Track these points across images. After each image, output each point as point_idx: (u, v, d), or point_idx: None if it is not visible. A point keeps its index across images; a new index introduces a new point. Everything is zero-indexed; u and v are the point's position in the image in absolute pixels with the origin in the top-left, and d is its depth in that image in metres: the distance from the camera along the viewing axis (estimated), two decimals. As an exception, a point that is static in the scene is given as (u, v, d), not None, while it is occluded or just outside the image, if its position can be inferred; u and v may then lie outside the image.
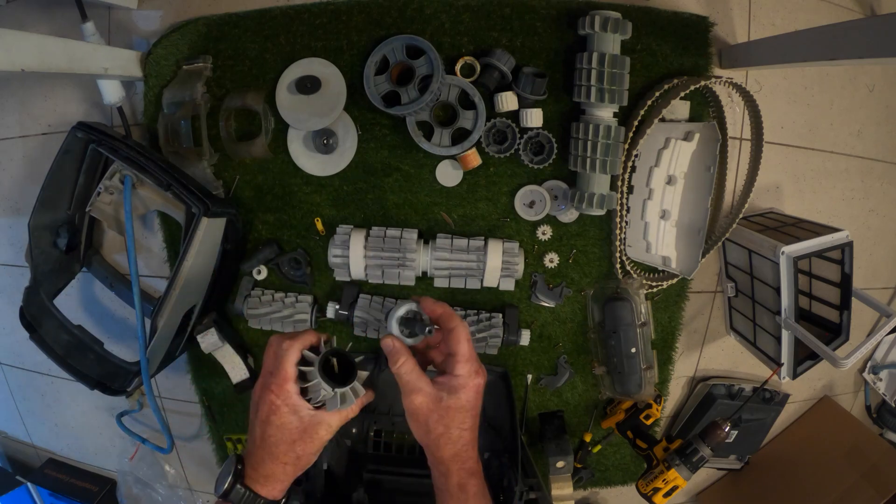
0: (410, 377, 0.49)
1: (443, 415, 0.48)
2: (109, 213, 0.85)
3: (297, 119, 0.83)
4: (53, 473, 1.20)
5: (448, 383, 0.48)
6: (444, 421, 0.48)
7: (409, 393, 0.49)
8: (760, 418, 1.07)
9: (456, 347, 0.48)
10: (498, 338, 0.87)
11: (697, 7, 0.86)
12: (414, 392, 0.48)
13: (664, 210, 0.84)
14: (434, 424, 0.48)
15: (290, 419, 0.47)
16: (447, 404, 0.48)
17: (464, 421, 0.48)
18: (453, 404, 0.48)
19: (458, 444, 0.48)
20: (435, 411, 0.48)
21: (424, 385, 0.49)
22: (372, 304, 0.87)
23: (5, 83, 0.95)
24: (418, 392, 0.48)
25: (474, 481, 0.50)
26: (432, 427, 0.48)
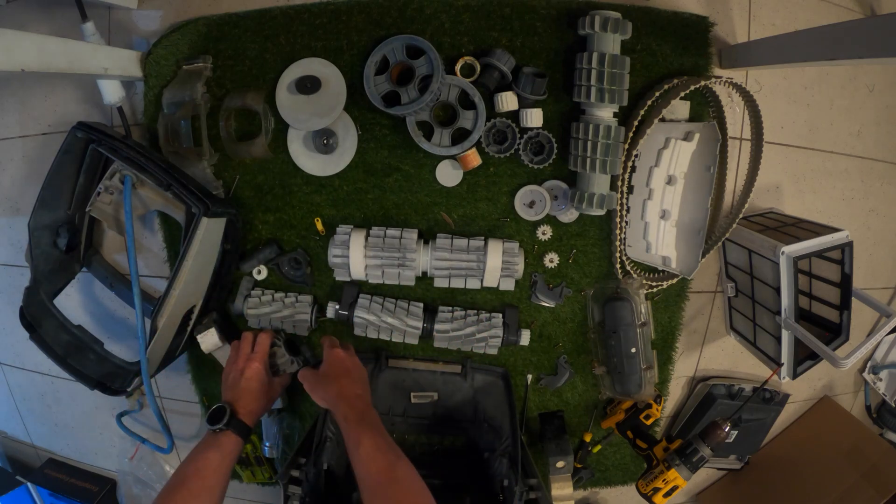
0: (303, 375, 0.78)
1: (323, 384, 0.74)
2: (109, 213, 0.85)
3: (297, 119, 0.83)
4: (53, 473, 1.20)
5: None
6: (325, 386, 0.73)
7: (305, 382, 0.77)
8: (760, 418, 1.07)
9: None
10: (498, 338, 0.87)
11: (697, 7, 0.86)
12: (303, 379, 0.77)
13: (664, 210, 0.84)
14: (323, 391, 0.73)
15: (265, 377, 0.80)
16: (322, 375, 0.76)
17: (335, 381, 0.73)
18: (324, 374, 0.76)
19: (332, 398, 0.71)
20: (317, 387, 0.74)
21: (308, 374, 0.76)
22: (372, 304, 0.87)
23: (5, 83, 0.95)
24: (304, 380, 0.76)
25: (353, 418, 0.67)
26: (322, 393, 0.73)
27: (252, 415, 0.76)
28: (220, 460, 0.70)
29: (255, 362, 0.79)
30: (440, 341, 0.87)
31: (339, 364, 0.75)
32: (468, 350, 0.89)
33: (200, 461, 0.69)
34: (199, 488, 0.67)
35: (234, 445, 0.72)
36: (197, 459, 0.70)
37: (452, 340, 0.87)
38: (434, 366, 0.92)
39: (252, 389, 0.77)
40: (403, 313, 0.87)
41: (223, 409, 0.73)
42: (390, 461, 0.62)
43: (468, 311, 0.89)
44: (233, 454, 0.72)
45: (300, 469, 0.75)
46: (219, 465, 0.69)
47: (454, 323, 0.87)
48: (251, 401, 0.76)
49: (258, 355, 0.80)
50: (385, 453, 0.62)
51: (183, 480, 0.67)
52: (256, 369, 0.79)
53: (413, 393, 0.91)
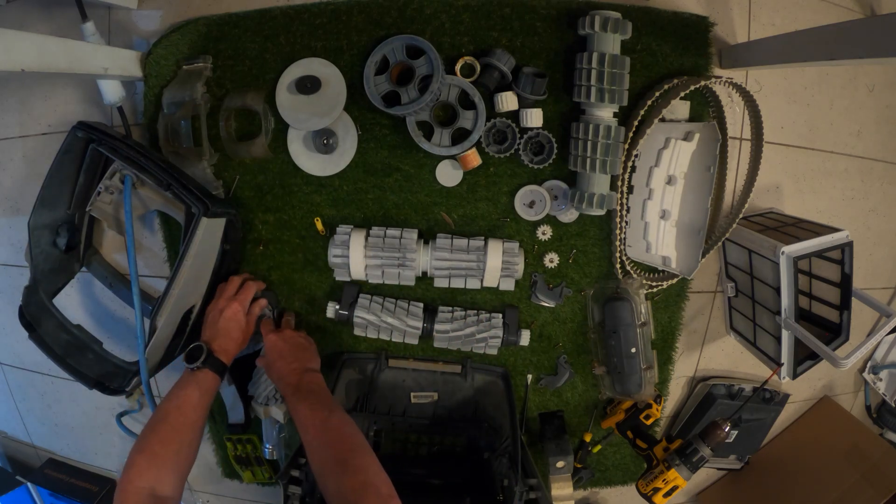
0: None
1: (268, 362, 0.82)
2: (109, 212, 0.85)
3: (297, 119, 0.83)
4: (53, 473, 1.20)
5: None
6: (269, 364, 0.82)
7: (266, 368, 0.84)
8: (760, 418, 1.07)
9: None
10: (498, 338, 0.87)
11: (697, 7, 0.86)
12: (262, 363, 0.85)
13: (664, 210, 0.84)
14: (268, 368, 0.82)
15: (242, 317, 0.82)
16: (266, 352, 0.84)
17: (275, 358, 0.81)
18: (268, 350, 0.83)
19: (274, 372, 0.80)
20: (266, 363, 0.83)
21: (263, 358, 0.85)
22: (372, 304, 0.88)
23: (5, 83, 0.95)
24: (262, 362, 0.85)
25: (289, 386, 0.76)
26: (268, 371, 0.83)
27: (227, 353, 0.78)
28: (199, 396, 0.72)
29: (234, 303, 0.81)
30: (440, 341, 0.87)
31: (272, 348, 0.81)
32: (468, 350, 0.89)
33: (181, 398, 0.71)
34: (181, 423, 0.69)
35: (212, 382, 0.74)
36: (177, 396, 0.71)
37: (452, 340, 0.87)
38: (434, 366, 0.92)
39: (229, 329, 0.80)
40: (403, 313, 0.87)
41: (200, 347, 0.75)
42: (323, 417, 0.68)
43: (468, 311, 0.89)
44: (211, 391, 0.74)
45: (300, 469, 0.75)
46: (198, 401, 0.71)
47: (454, 323, 0.87)
48: (227, 340, 0.79)
49: (239, 298, 0.82)
50: (317, 411, 0.68)
51: (165, 416, 0.69)
52: (235, 310, 0.81)
53: (413, 393, 0.91)
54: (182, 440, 0.69)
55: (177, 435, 0.68)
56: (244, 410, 0.96)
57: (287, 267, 0.91)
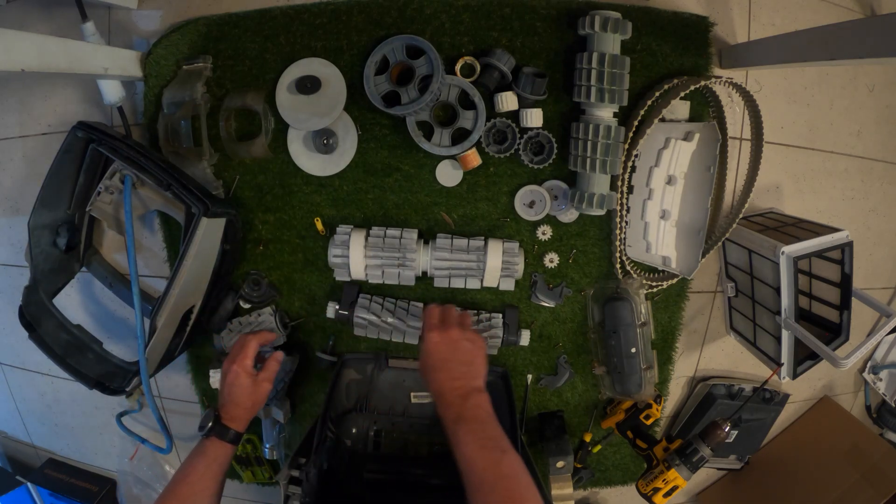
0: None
1: (423, 368, 0.71)
2: (109, 212, 0.85)
3: (297, 119, 0.83)
4: (53, 473, 1.20)
5: (421, 342, 0.74)
6: (424, 370, 0.71)
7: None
8: (760, 418, 1.07)
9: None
10: (498, 338, 0.87)
11: (697, 7, 0.86)
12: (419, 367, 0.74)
13: (664, 210, 0.84)
14: (424, 377, 0.71)
15: (246, 381, 0.76)
16: (423, 356, 0.71)
17: (432, 366, 0.69)
18: (425, 354, 0.71)
19: (434, 385, 0.68)
20: (422, 370, 0.71)
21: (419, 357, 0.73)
22: (372, 304, 0.88)
23: (5, 83, 0.95)
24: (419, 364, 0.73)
25: (452, 410, 0.64)
26: (424, 380, 0.71)
27: (237, 420, 0.75)
28: (205, 466, 0.70)
29: (233, 366, 0.77)
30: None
31: (433, 351, 0.70)
32: None
33: (187, 468, 0.70)
34: (186, 494, 0.68)
35: (220, 450, 0.72)
36: (184, 467, 0.71)
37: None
38: (434, 366, 0.92)
39: (233, 395, 0.76)
40: (404, 313, 0.87)
41: (209, 415, 0.75)
42: (495, 459, 0.58)
43: (468, 311, 0.89)
44: (218, 459, 0.72)
45: (300, 469, 0.75)
46: (204, 470, 0.70)
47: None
48: (233, 407, 0.76)
49: (239, 359, 0.78)
50: (489, 451, 0.59)
51: (172, 488, 0.69)
52: (235, 373, 0.77)
53: (413, 393, 0.91)
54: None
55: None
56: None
57: (287, 267, 0.91)
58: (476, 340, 0.72)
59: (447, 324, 0.72)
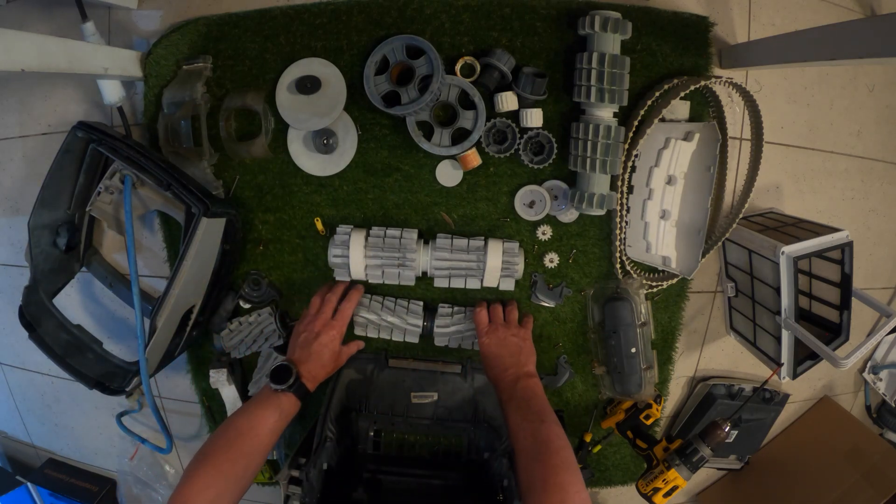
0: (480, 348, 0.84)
1: (483, 362, 0.82)
2: (109, 212, 0.85)
3: (297, 119, 0.83)
4: (53, 473, 1.20)
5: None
6: (484, 365, 0.82)
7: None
8: (760, 418, 1.07)
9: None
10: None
11: (697, 7, 0.86)
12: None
13: (664, 210, 0.84)
14: (486, 375, 0.82)
15: (338, 345, 0.80)
16: (481, 356, 0.82)
17: (489, 363, 0.80)
18: (482, 355, 0.82)
19: (492, 380, 0.80)
20: (482, 361, 0.83)
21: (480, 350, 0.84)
22: (372, 303, 0.88)
23: (5, 83, 0.95)
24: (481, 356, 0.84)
25: (504, 393, 0.75)
26: (487, 377, 0.81)
27: (315, 380, 0.75)
28: (276, 421, 0.68)
29: (333, 329, 0.78)
30: (441, 339, 0.88)
31: (487, 353, 0.80)
32: (469, 348, 0.90)
33: (258, 418, 0.67)
34: (252, 448, 0.65)
35: (293, 407, 0.71)
36: (254, 416, 0.67)
37: (453, 337, 0.88)
38: (434, 366, 0.92)
39: (322, 356, 0.76)
40: (403, 311, 0.88)
41: (289, 369, 0.71)
42: (533, 428, 0.66)
43: (468, 308, 0.89)
44: (290, 415, 0.71)
45: (300, 469, 0.75)
46: (274, 425, 0.68)
47: (454, 317, 0.88)
48: (318, 367, 0.76)
49: (338, 322, 0.79)
50: (529, 421, 0.68)
51: (238, 435, 0.65)
52: (332, 338, 0.78)
53: (413, 393, 0.91)
54: (249, 464, 0.65)
55: (245, 458, 0.64)
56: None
57: (287, 267, 0.91)
58: (520, 333, 0.82)
59: (494, 324, 0.82)
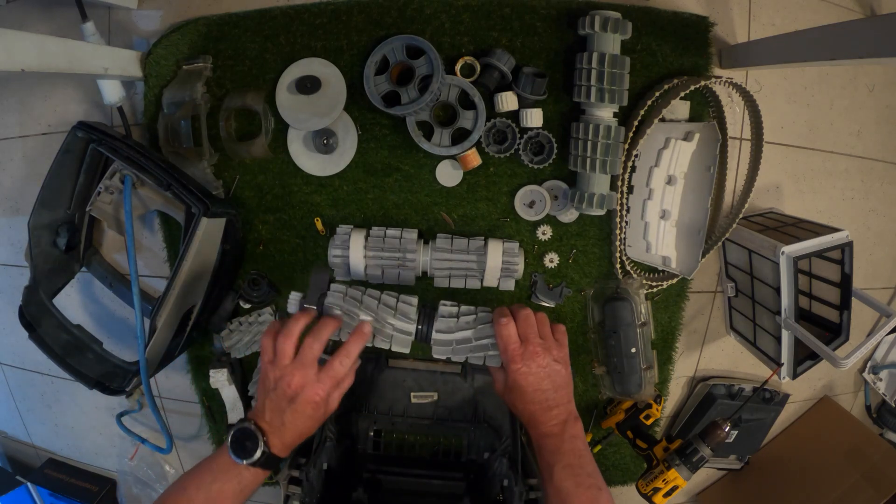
0: (491, 370, 0.66)
1: (508, 395, 0.63)
2: (109, 212, 0.85)
3: (297, 119, 0.83)
4: (53, 473, 1.20)
5: (505, 371, 0.62)
6: (511, 400, 0.63)
7: (494, 383, 0.66)
8: (760, 418, 1.07)
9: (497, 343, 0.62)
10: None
11: (697, 7, 0.86)
12: (494, 381, 0.66)
13: (664, 210, 0.84)
14: (508, 403, 0.64)
15: (323, 411, 0.59)
16: (507, 386, 0.62)
17: (521, 397, 0.61)
18: (508, 386, 0.62)
19: (525, 415, 0.61)
20: (505, 394, 0.64)
21: (498, 374, 0.65)
22: (348, 297, 0.66)
23: (5, 83, 0.95)
24: (495, 381, 0.65)
25: (548, 441, 0.60)
26: (508, 405, 0.64)
27: (290, 448, 0.60)
28: (236, 494, 0.57)
29: (320, 386, 0.57)
30: (441, 348, 0.67)
31: (520, 383, 0.60)
32: (479, 364, 0.68)
33: (215, 493, 0.57)
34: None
35: (257, 479, 0.58)
36: (210, 489, 0.57)
37: (458, 347, 0.67)
38: (434, 366, 0.92)
39: (301, 420, 0.58)
40: (390, 312, 0.67)
41: (254, 436, 0.56)
42: (591, 498, 0.57)
43: (480, 310, 0.69)
44: (252, 486, 0.59)
45: (300, 469, 0.75)
46: (234, 498, 0.57)
47: (461, 320, 0.67)
48: (293, 434, 0.58)
49: (332, 372, 0.59)
50: (585, 489, 0.57)
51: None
52: (319, 395, 0.57)
53: (413, 393, 0.91)
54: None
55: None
56: (244, 410, 0.96)
57: (287, 267, 0.91)
58: (561, 356, 0.63)
59: (528, 342, 0.60)
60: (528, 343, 0.60)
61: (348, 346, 0.60)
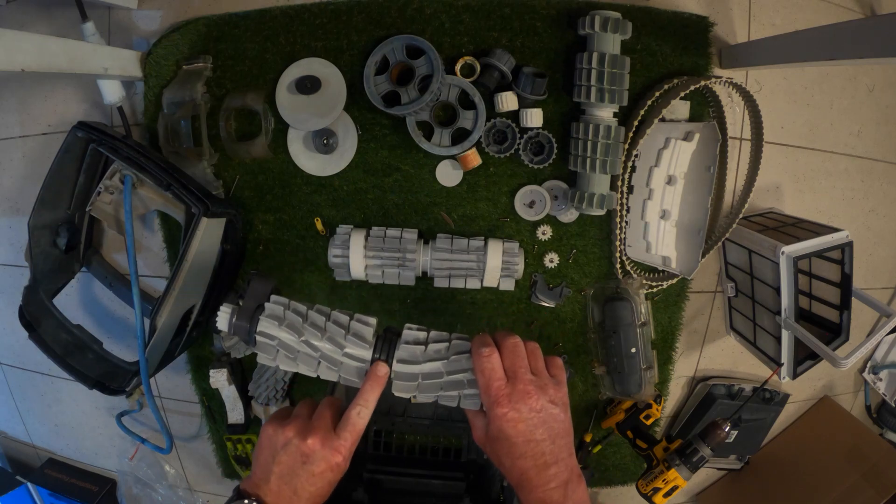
0: (467, 414, 0.51)
1: (491, 447, 0.48)
2: (109, 212, 0.85)
3: (297, 119, 0.83)
4: (53, 473, 1.20)
5: (487, 415, 0.47)
6: (494, 452, 0.47)
7: (472, 430, 0.51)
8: (760, 418, 1.07)
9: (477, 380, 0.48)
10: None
11: (697, 7, 0.86)
12: (472, 429, 0.51)
13: (664, 210, 0.84)
14: (491, 456, 0.48)
15: (337, 477, 0.49)
16: (489, 436, 0.47)
17: (510, 450, 0.45)
18: (491, 435, 0.47)
19: (514, 474, 0.46)
20: (486, 444, 0.48)
21: (477, 420, 0.50)
22: (289, 312, 0.53)
23: (5, 83, 0.95)
24: (474, 428, 0.51)
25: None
26: (492, 459, 0.49)
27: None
28: None
29: (345, 444, 0.48)
30: (402, 387, 0.53)
31: (512, 434, 0.45)
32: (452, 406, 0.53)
33: None
34: None
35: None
36: None
37: (425, 383, 0.53)
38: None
39: (317, 496, 0.48)
40: (341, 333, 0.51)
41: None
42: None
43: (455, 336, 0.54)
44: None
45: (300, 469, 0.74)
46: None
47: (429, 349, 0.53)
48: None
49: (350, 429, 0.49)
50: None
51: None
52: (342, 458, 0.48)
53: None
54: None
55: None
56: (244, 410, 0.96)
57: (287, 267, 0.91)
58: (559, 397, 0.48)
59: (517, 379, 0.46)
60: (517, 380, 0.46)
61: (365, 395, 0.51)
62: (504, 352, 0.48)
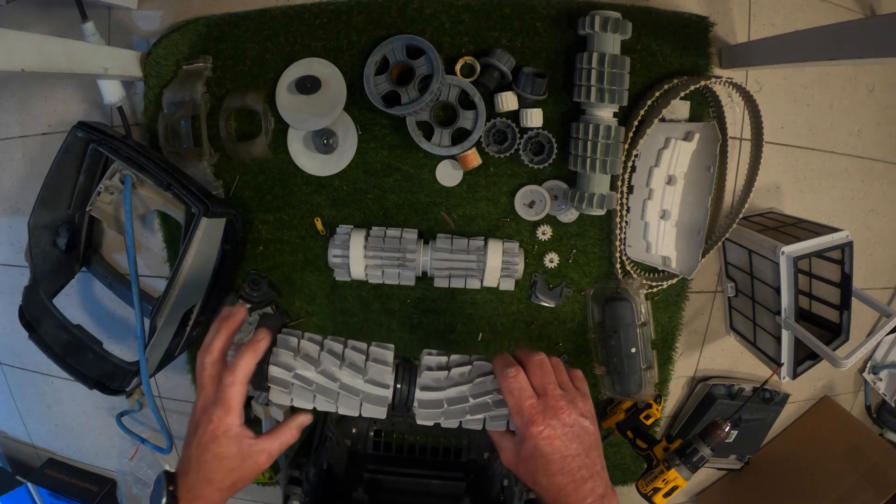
0: (494, 436, 0.50)
1: (525, 467, 0.47)
2: (109, 212, 0.85)
3: (297, 119, 0.83)
4: (53, 473, 1.20)
5: (518, 434, 0.47)
6: (529, 472, 0.46)
7: (499, 452, 0.50)
8: (760, 418, 1.07)
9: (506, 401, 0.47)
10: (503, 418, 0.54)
11: (697, 7, 0.86)
12: (500, 451, 0.50)
13: (664, 210, 0.84)
14: (524, 477, 0.47)
15: (230, 449, 0.47)
16: (522, 456, 0.47)
17: (546, 468, 0.45)
18: (525, 454, 0.46)
19: (551, 491, 0.45)
20: (519, 465, 0.48)
21: (505, 441, 0.49)
22: (303, 344, 0.50)
23: (5, 83, 0.95)
24: (502, 450, 0.50)
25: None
26: (524, 479, 0.48)
27: (203, 500, 0.46)
28: None
29: (212, 421, 0.47)
30: (426, 415, 0.51)
31: (547, 451, 0.44)
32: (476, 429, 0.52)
33: None
34: None
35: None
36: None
37: (451, 410, 0.51)
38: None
39: (205, 464, 0.46)
40: (358, 362, 0.49)
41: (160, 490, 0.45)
42: None
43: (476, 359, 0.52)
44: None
45: (300, 469, 0.75)
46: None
47: (451, 375, 0.51)
48: (202, 482, 0.46)
49: (225, 405, 0.48)
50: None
51: None
52: (213, 433, 0.47)
53: (413, 393, 0.91)
54: None
55: None
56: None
57: (287, 267, 0.91)
58: (588, 409, 0.48)
59: (547, 395, 0.46)
60: (548, 396, 0.46)
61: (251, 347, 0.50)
62: (531, 369, 0.48)
